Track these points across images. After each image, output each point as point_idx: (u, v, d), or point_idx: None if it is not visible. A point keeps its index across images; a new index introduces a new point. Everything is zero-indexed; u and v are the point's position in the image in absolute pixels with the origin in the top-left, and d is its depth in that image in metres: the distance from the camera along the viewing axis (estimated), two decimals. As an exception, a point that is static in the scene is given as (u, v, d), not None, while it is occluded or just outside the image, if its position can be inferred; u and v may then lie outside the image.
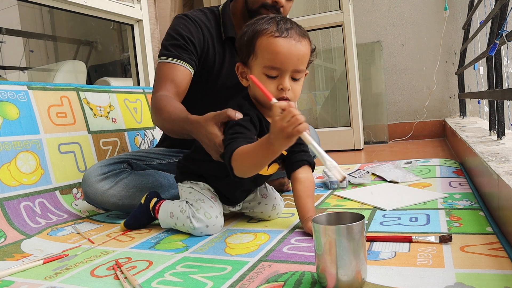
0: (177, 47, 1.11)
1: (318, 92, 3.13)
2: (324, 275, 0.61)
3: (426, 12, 2.67)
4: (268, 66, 0.83)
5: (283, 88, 0.83)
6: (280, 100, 0.81)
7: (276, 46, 0.82)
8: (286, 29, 0.83)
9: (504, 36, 1.17)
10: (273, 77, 0.84)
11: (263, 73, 0.84)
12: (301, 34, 0.85)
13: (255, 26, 0.85)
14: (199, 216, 0.94)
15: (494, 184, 0.86)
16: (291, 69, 0.83)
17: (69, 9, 1.94)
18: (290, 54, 0.82)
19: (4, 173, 1.15)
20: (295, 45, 0.83)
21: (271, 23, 0.84)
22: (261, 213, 1.05)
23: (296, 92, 0.87)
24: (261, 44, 0.83)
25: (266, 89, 0.67)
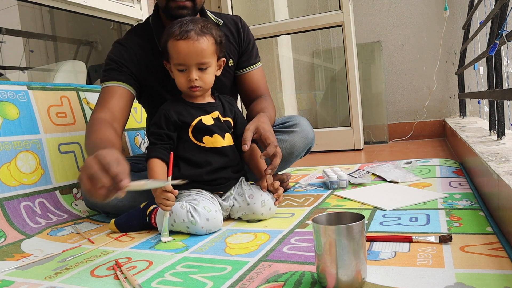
0: (112, 71, 1.16)
1: (318, 92, 3.14)
2: (324, 275, 0.61)
3: (426, 12, 2.67)
4: (176, 63, 1.03)
5: (190, 79, 1.02)
6: (191, 88, 1.03)
7: (178, 47, 1.01)
8: (186, 31, 1.00)
9: (504, 36, 1.17)
10: (183, 71, 1.03)
11: (176, 68, 1.04)
12: (200, 33, 1.01)
13: (167, 31, 1.04)
14: (199, 209, 0.96)
15: (494, 184, 0.86)
16: (194, 63, 1.02)
17: (69, 9, 1.94)
18: (189, 52, 1.00)
19: (4, 173, 1.15)
20: (193, 44, 1.00)
21: (176, 27, 1.02)
22: (253, 214, 1.05)
23: (205, 80, 1.05)
24: (169, 47, 1.03)
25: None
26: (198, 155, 1.05)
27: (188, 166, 1.05)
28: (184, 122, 1.05)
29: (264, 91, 1.33)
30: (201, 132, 1.06)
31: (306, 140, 1.32)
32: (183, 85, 1.05)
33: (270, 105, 1.26)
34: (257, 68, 1.33)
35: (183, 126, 1.06)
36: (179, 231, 0.99)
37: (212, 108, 1.10)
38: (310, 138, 1.34)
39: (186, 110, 1.07)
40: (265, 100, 1.27)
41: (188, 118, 1.06)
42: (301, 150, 1.33)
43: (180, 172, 1.04)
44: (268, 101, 1.28)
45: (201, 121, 1.06)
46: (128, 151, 1.61)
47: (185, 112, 1.06)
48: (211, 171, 1.05)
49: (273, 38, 2.97)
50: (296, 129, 1.31)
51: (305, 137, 1.31)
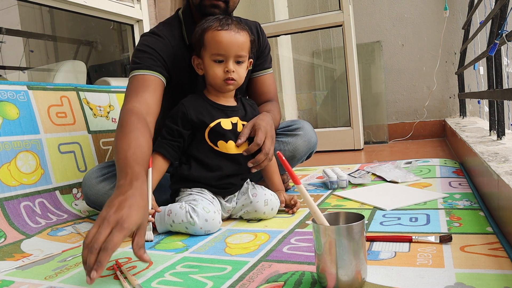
0: (146, 58, 1.11)
1: (318, 92, 3.14)
2: (324, 275, 0.61)
3: (426, 12, 2.67)
4: (214, 53, 1.02)
5: (228, 70, 1.02)
6: (227, 80, 1.03)
7: (219, 37, 1.01)
8: (227, 24, 1.03)
9: (504, 36, 1.17)
10: (220, 62, 1.03)
11: (212, 59, 1.03)
12: (240, 27, 1.04)
13: (203, 25, 1.05)
14: (198, 210, 0.95)
15: (494, 184, 0.86)
16: (233, 55, 1.02)
17: (69, 9, 1.94)
18: (231, 42, 1.01)
19: (4, 173, 1.15)
20: (235, 35, 1.02)
21: (215, 21, 1.04)
22: (255, 212, 1.05)
23: (240, 74, 1.05)
24: (208, 37, 1.03)
25: (293, 172, 0.66)
26: (210, 158, 1.05)
27: (199, 167, 1.05)
28: (202, 122, 1.04)
29: (273, 96, 1.36)
30: (217, 135, 1.05)
31: (309, 144, 1.33)
32: (219, 77, 1.03)
33: (276, 109, 1.29)
34: (269, 73, 1.36)
35: (200, 126, 1.05)
36: (178, 231, 0.99)
37: (233, 112, 1.09)
38: (313, 142, 1.35)
39: (207, 110, 1.06)
40: (271, 104, 1.30)
41: (207, 119, 1.05)
42: (304, 153, 1.34)
43: (189, 172, 1.04)
44: (274, 105, 1.31)
45: (219, 124, 1.05)
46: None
47: (205, 112, 1.05)
48: (221, 176, 1.05)
49: (273, 38, 2.97)
50: (299, 132, 1.32)
51: (308, 141, 1.33)
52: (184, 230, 0.97)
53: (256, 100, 1.34)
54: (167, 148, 1.03)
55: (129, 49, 2.45)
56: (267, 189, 1.09)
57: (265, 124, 1.08)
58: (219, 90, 1.08)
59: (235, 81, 1.05)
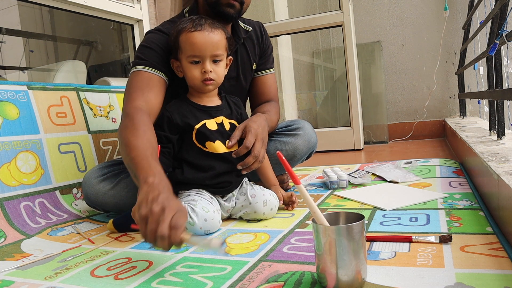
0: (151, 56, 1.10)
1: (318, 92, 3.14)
2: (324, 275, 0.61)
3: (426, 12, 2.67)
4: (190, 55, 1.02)
5: (205, 70, 1.02)
6: (205, 81, 1.03)
7: (193, 38, 1.01)
8: (200, 24, 1.02)
9: (504, 36, 1.17)
10: (197, 63, 1.02)
11: (188, 61, 1.03)
12: (214, 26, 1.03)
13: (177, 27, 1.04)
14: (197, 210, 0.95)
15: (494, 184, 0.86)
16: (209, 55, 1.02)
17: (69, 9, 1.94)
18: (205, 43, 1.01)
19: (4, 173, 1.15)
20: (208, 35, 1.01)
21: (188, 22, 1.03)
22: (254, 213, 1.05)
23: (218, 73, 1.04)
24: (182, 39, 1.02)
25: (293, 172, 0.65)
26: (201, 159, 1.05)
27: (191, 170, 1.05)
28: (188, 124, 1.04)
29: (273, 97, 1.36)
30: (204, 136, 1.05)
31: (309, 144, 1.33)
32: (197, 78, 1.03)
33: (274, 110, 1.28)
34: (271, 73, 1.36)
35: (186, 129, 1.05)
36: None
37: (217, 112, 1.09)
38: (313, 142, 1.35)
39: (191, 112, 1.06)
40: (270, 105, 1.30)
41: (192, 121, 1.05)
42: (304, 153, 1.34)
43: (183, 175, 1.04)
44: (273, 106, 1.31)
45: (204, 125, 1.05)
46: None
47: (190, 115, 1.05)
48: (214, 175, 1.05)
49: (273, 38, 2.97)
50: (299, 132, 1.32)
51: (308, 141, 1.33)
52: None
53: (256, 99, 1.34)
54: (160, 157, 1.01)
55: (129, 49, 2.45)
56: (266, 189, 1.09)
57: (256, 126, 1.08)
58: (199, 91, 1.08)
59: (214, 81, 1.04)
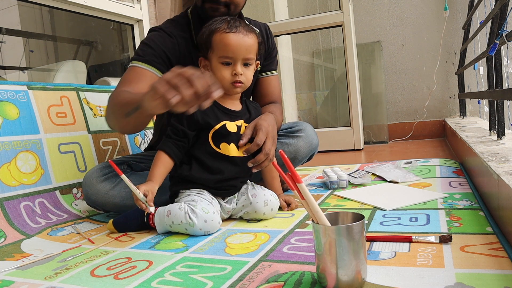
0: (149, 53, 1.12)
1: (318, 92, 3.13)
2: (324, 275, 0.61)
3: (426, 12, 2.67)
4: (222, 56, 1.01)
5: (236, 73, 1.01)
6: (235, 83, 1.02)
7: (228, 39, 1.00)
8: (235, 26, 1.01)
9: (504, 36, 1.17)
10: (228, 64, 1.02)
11: (219, 62, 1.02)
12: (248, 29, 1.03)
13: (211, 26, 1.04)
14: (197, 211, 0.95)
15: (494, 184, 0.86)
16: (241, 57, 1.01)
17: (69, 9, 1.94)
18: (239, 45, 1.00)
19: (4, 173, 1.15)
20: (243, 38, 1.01)
21: (223, 22, 1.02)
22: (255, 213, 1.05)
23: (247, 76, 1.04)
24: (216, 39, 1.01)
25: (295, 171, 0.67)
26: (212, 160, 1.04)
27: (200, 168, 1.04)
28: (208, 123, 1.03)
29: (277, 98, 1.37)
30: (221, 137, 1.04)
31: (310, 146, 1.34)
32: (227, 80, 1.02)
33: (278, 111, 1.29)
34: (274, 75, 1.37)
35: (205, 127, 1.04)
36: (178, 231, 0.99)
37: (237, 117, 1.08)
38: (314, 144, 1.35)
39: (213, 111, 1.04)
40: (274, 106, 1.30)
41: (212, 120, 1.04)
42: (305, 155, 1.34)
43: (190, 172, 1.04)
44: (277, 107, 1.31)
45: (224, 125, 1.04)
46: (128, 151, 1.61)
47: (211, 113, 1.04)
48: (221, 179, 1.04)
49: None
50: (301, 134, 1.32)
51: (310, 142, 1.33)
52: (184, 231, 0.97)
53: (260, 101, 1.34)
54: (172, 148, 1.02)
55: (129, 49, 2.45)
56: (267, 189, 1.09)
57: (266, 124, 1.08)
58: (226, 93, 1.05)
59: (243, 84, 1.03)
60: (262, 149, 1.04)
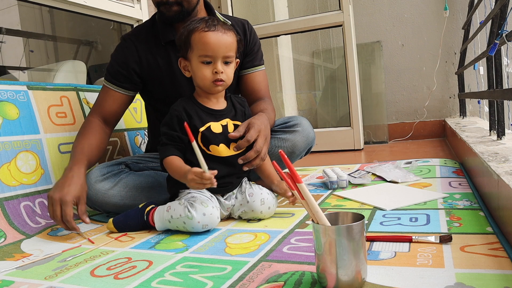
0: (113, 72, 1.25)
1: (318, 92, 3.13)
2: (324, 275, 0.61)
3: (426, 12, 2.67)
4: (202, 55, 1.01)
5: (217, 71, 1.01)
6: (216, 81, 1.02)
7: (207, 38, 1.00)
8: (213, 25, 1.02)
9: (504, 36, 1.17)
10: (208, 63, 1.02)
11: (200, 61, 1.02)
12: (226, 28, 1.04)
13: (189, 27, 1.04)
14: (196, 205, 0.96)
15: (494, 184, 0.86)
16: (221, 55, 1.01)
17: (69, 9, 1.94)
18: (218, 43, 1.00)
19: (4, 173, 1.15)
20: (222, 36, 1.01)
21: (201, 22, 1.03)
22: (252, 212, 1.05)
23: (228, 74, 1.04)
24: (195, 39, 1.02)
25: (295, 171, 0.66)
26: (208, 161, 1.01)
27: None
28: (193, 126, 1.03)
29: (265, 94, 1.35)
30: (208, 139, 1.04)
31: (307, 140, 1.33)
32: (208, 78, 1.02)
33: (270, 107, 1.28)
34: (260, 70, 1.36)
35: (192, 130, 1.01)
36: (176, 229, 0.99)
37: (222, 116, 1.08)
38: (311, 138, 1.35)
39: (197, 114, 1.05)
40: (265, 103, 1.30)
41: (197, 123, 1.04)
42: (302, 149, 1.34)
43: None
44: (268, 103, 1.30)
45: (209, 128, 1.04)
46: (128, 151, 1.61)
47: (196, 116, 1.04)
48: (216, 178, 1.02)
49: (273, 38, 2.97)
50: (297, 128, 1.32)
51: (306, 136, 1.33)
52: (182, 226, 0.97)
53: (248, 98, 1.33)
54: (175, 151, 1.02)
55: (129, 49, 2.44)
56: (264, 188, 1.09)
57: (259, 123, 1.08)
58: (208, 92, 1.06)
59: (224, 82, 1.03)
60: (253, 146, 1.04)
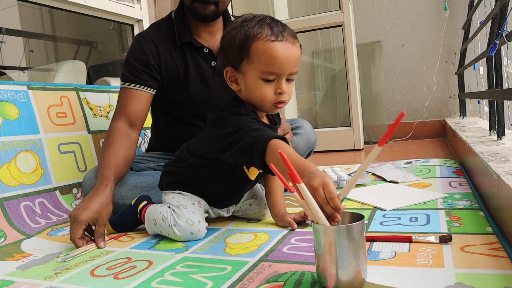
0: (133, 70, 1.19)
1: (318, 92, 3.13)
2: (324, 275, 0.61)
3: (426, 12, 2.67)
4: (266, 71, 0.81)
5: (281, 92, 0.83)
6: (278, 103, 0.83)
7: (274, 51, 0.80)
8: (280, 32, 0.82)
9: (504, 36, 1.17)
10: (270, 81, 0.83)
11: (260, 78, 0.82)
12: (293, 36, 0.85)
13: (246, 30, 0.83)
14: (181, 223, 0.91)
15: (494, 184, 0.86)
16: (288, 72, 0.83)
17: (69, 9, 1.94)
18: (288, 58, 0.81)
19: (4, 173, 1.15)
20: (291, 48, 0.82)
21: (263, 25, 0.82)
22: (255, 214, 1.05)
23: (290, 93, 0.86)
24: (258, 49, 0.81)
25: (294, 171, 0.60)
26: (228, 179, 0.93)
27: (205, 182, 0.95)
28: None
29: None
30: None
31: (309, 143, 1.34)
32: (269, 100, 0.83)
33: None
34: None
35: None
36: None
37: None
38: (312, 141, 1.35)
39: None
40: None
41: None
42: (303, 152, 1.34)
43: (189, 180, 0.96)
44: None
45: None
46: (128, 151, 1.60)
47: None
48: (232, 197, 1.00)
49: (273, 38, 2.96)
50: (299, 131, 1.32)
51: (308, 139, 1.33)
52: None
53: None
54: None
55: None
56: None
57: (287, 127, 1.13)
58: (264, 111, 0.89)
59: (285, 104, 0.86)
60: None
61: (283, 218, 0.96)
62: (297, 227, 0.95)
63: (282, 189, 1.01)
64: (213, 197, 0.99)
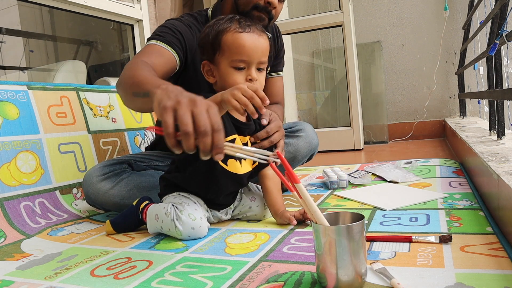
0: (168, 34, 1.10)
1: (318, 92, 3.13)
2: (324, 275, 0.61)
3: (426, 12, 2.67)
4: (236, 59, 0.90)
5: (251, 78, 0.91)
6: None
7: (242, 40, 0.89)
8: (248, 25, 0.91)
9: (504, 36, 1.17)
10: (241, 69, 0.91)
11: (231, 66, 0.91)
12: (261, 29, 0.93)
13: (217, 26, 0.92)
14: (184, 218, 0.91)
15: (494, 184, 0.86)
16: (256, 61, 0.91)
17: (69, 9, 1.94)
18: (255, 47, 0.90)
19: (4, 173, 1.15)
20: (258, 38, 0.91)
21: (232, 21, 0.92)
22: (255, 215, 1.05)
23: (261, 82, 0.94)
24: (227, 40, 0.90)
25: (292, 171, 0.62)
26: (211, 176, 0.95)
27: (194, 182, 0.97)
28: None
29: (281, 100, 1.37)
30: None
31: (310, 146, 1.34)
32: None
33: (280, 111, 1.31)
34: (280, 76, 1.37)
35: None
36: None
37: (246, 130, 0.99)
38: (314, 144, 1.35)
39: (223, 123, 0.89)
40: (276, 107, 1.32)
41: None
42: (304, 155, 1.34)
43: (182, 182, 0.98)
44: (279, 108, 1.33)
45: (233, 141, 0.94)
46: (128, 151, 1.60)
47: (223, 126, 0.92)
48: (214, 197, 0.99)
49: (273, 38, 2.97)
50: (301, 134, 1.32)
51: (309, 142, 1.33)
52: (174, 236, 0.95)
53: None
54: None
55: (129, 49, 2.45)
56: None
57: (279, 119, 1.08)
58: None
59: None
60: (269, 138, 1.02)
61: (282, 214, 0.98)
62: (296, 223, 0.96)
63: (278, 186, 1.04)
64: (206, 197, 1.00)
